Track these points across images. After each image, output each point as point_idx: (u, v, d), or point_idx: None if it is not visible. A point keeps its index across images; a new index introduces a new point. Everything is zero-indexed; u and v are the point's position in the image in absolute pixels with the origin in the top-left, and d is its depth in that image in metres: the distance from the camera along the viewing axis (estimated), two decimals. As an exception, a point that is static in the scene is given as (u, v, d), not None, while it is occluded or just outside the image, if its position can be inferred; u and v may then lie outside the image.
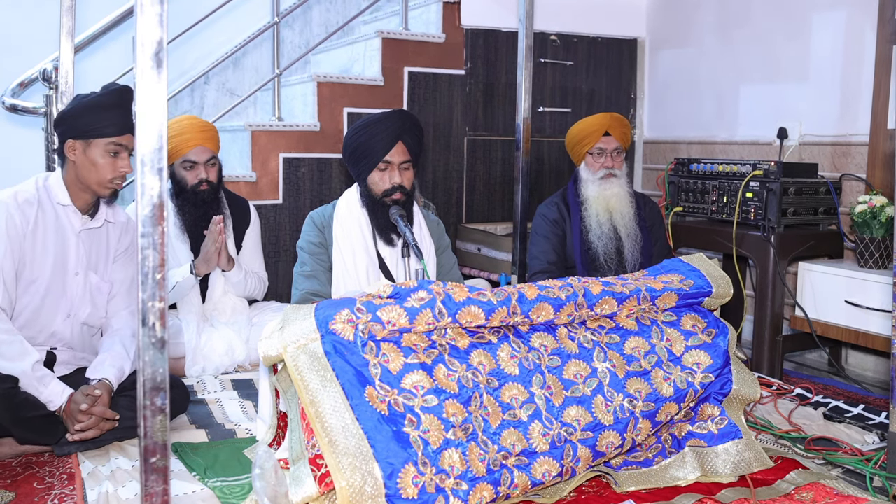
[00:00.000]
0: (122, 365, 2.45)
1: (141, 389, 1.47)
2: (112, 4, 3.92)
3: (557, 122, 4.65)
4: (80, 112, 2.40)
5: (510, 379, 2.01)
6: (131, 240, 2.63)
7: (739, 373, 2.26)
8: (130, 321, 2.59)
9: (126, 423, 2.36)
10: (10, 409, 2.19)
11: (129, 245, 2.63)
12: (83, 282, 2.50)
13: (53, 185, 2.46)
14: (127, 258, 2.62)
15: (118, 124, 2.40)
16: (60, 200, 2.45)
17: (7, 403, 2.19)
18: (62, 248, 2.46)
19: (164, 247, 1.46)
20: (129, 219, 2.65)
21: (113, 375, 2.39)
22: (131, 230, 2.63)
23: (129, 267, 2.62)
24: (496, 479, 1.86)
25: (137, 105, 1.44)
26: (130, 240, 2.63)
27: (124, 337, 2.54)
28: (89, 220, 2.51)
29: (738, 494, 2.06)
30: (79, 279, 2.50)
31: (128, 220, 2.64)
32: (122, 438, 2.39)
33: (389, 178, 2.79)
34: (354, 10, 4.96)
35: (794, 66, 3.85)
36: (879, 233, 3.11)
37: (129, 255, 2.63)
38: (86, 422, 2.26)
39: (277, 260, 4.01)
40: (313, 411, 1.81)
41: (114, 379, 2.39)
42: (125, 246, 2.62)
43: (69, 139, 2.41)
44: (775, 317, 3.35)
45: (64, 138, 2.42)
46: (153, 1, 1.43)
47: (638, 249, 3.34)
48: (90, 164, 2.40)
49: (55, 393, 2.29)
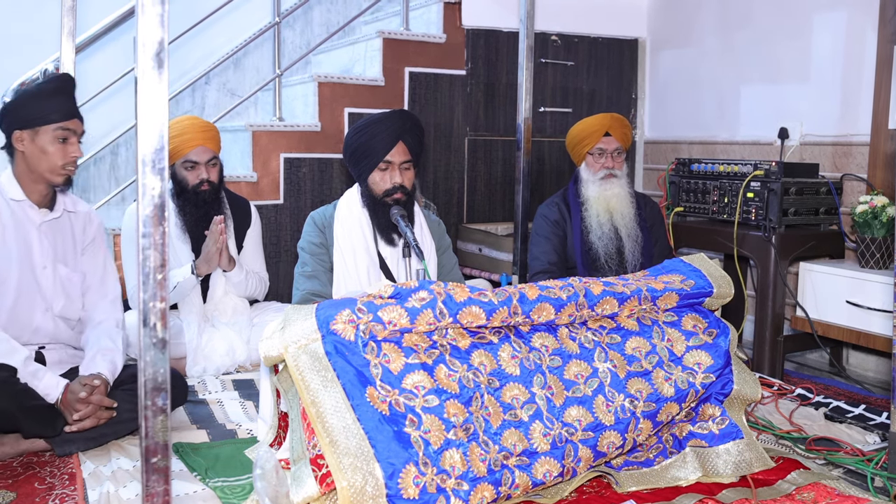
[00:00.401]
0: (113, 358, 2.44)
1: (142, 390, 1.47)
2: (113, 5, 3.92)
3: (558, 123, 4.65)
4: (24, 101, 2.38)
5: (511, 379, 2.01)
6: (96, 230, 2.62)
7: (740, 373, 2.26)
8: (112, 311, 2.59)
9: (124, 416, 2.35)
10: (14, 397, 2.19)
11: (95, 235, 2.62)
12: (52, 274, 2.48)
13: (4, 183, 2.43)
14: (95, 248, 2.61)
15: (63, 110, 2.38)
16: (14, 196, 2.42)
17: (10, 391, 2.19)
18: (24, 243, 2.44)
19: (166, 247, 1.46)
20: (91, 209, 2.64)
21: (107, 370, 2.39)
22: (95, 220, 2.62)
23: (99, 256, 2.61)
24: (497, 480, 1.86)
25: (138, 105, 1.45)
26: (95, 230, 2.62)
27: (109, 329, 2.53)
28: (48, 213, 2.49)
29: (740, 495, 2.06)
30: (48, 272, 2.48)
31: (89, 210, 2.63)
32: (120, 434, 2.39)
33: (390, 178, 2.79)
34: (355, 10, 4.96)
35: (795, 66, 3.84)
36: (880, 233, 3.11)
37: (97, 245, 2.62)
38: (83, 410, 2.26)
39: (278, 260, 4.01)
40: (314, 411, 1.81)
41: (108, 373, 2.39)
42: (91, 236, 2.61)
43: (15, 130, 2.38)
44: (776, 317, 3.35)
45: (10, 130, 2.39)
46: (154, 1, 1.43)
47: (639, 250, 3.34)
48: (40, 152, 2.37)
49: (50, 385, 2.28)
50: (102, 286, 2.60)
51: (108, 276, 2.64)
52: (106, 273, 2.63)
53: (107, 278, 2.63)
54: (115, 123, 4.30)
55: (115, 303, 2.63)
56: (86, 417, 2.27)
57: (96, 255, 2.61)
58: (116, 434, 2.39)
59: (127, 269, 3.19)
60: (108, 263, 2.65)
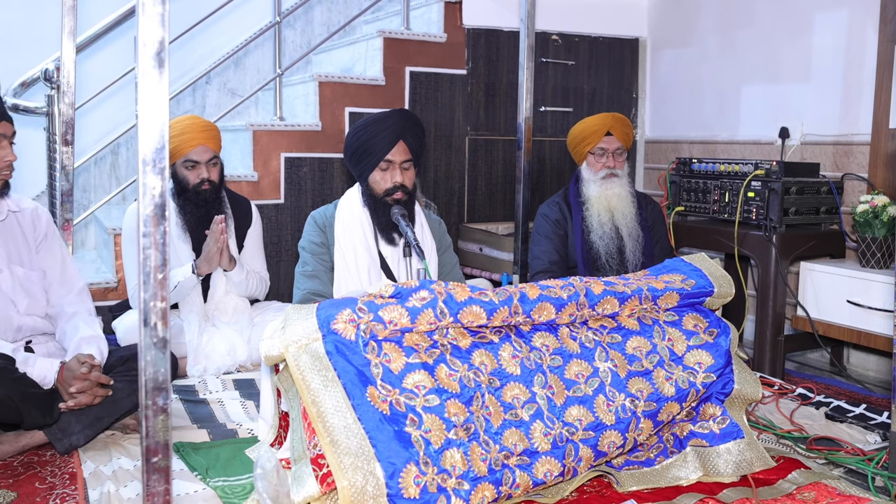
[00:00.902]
0: (98, 345, 2.42)
1: (142, 389, 1.47)
2: (113, 4, 3.93)
3: (559, 122, 4.65)
4: None
5: (512, 378, 2.01)
6: (46, 225, 2.59)
7: (741, 372, 2.26)
8: (82, 302, 2.57)
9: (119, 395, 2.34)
10: (14, 383, 2.19)
11: (46, 230, 2.59)
12: (10, 276, 2.46)
13: None
14: (49, 243, 2.58)
15: None
16: None
17: (9, 377, 2.19)
18: None
19: (167, 246, 1.46)
20: (37, 205, 2.60)
21: (96, 353, 2.38)
22: (43, 216, 2.59)
23: (55, 251, 2.59)
24: (498, 479, 1.86)
25: (139, 105, 1.45)
26: (45, 225, 2.59)
27: (85, 317, 2.52)
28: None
29: (740, 494, 2.06)
30: (5, 275, 2.46)
31: (35, 206, 2.59)
32: (118, 414, 2.38)
33: (391, 178, 2.79)
34: (356, 9, 4.97)
35: (796, 65, 3.84)
36: (881, 232, 3.11)
37: (51, 240, 2.59)
38: (81, 384, 2.24)
39: (279, 260, 4.01)
40: (315, 411, 1.81)
41: (98, 356, 2.38)
42: (43, 232, 2.58)
43: None
44: (777, 316, 3.35)
45: None
46: (155, 1, 1.43)
47: (639, 249, 3.34)
48: None
49: (45, 368, 2.27)
50: (65, 279, 2.58)
51: (69, 269, 2.61)
52: (65, 266, 2.60)
53: (67, 271, 2.60)
54: (116, 123, 4.31)
55: (83, 294, 2.61)
56: (83, 392, 2.25)
57: (52, 249, 2.58)
58: (113, 415, 2.37)
59: (128, 268, 3.19)
60: (65, 256, 2.62)
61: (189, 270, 3.07)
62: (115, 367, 2.43)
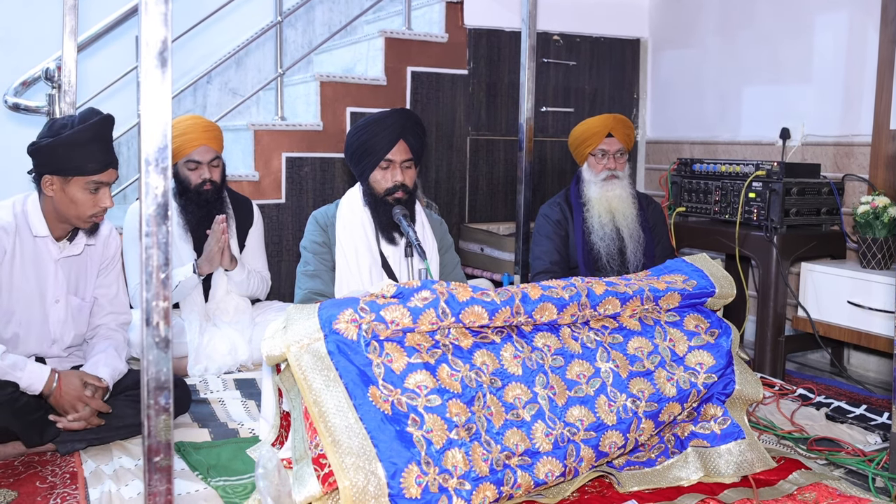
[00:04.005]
0: (116, 365, 2.42)
1: (144, 389, 1.47)
2: (115, 3, 3.92)
3: (560, 122, 4.65)
4: (59, 148, 2.23)
5: (513, 379, 2.01)
6: (114, 251, 2.57)
7: (742, 373, 2.26)
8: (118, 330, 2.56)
9: (129, 421, 2.36)
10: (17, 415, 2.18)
11: (114, 254, 2.56)
12: (64, 307, 2.44)
13: (31, 214, 2.34)
14: (109, 268, 2.57)
15: (99, 161, 2.26)
16: (38, 232, 2.34)
17: (11, 408, 2.18)
18: (41, 277, 2.38)
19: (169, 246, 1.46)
20: (111, 228, 2.56)
21: (108, 375, 2.38)
22: (113, 243, 2.56)
23: (112, 278, 2.57)
24: (499, 479, 1.86)
25: (142, 104, 1.44)
26: (114, 251, 2.56)
27: (118, 343, 2.53)
28: (68, 245, 2.42)
29: (741, 495, 2.06)
30: (59, 306, 2.43)
31: (110, 230, 2.55)
32: (124, 437, 2.40)
33: (391, 177, 2.78)
34: (357, 9, 4.96)
35: (797, 66, 3.84)
36: (882, 233, 3.11)
37: (113, 265, 2.57)
38: (81, 412, 2.25)
39: (280, 259, 4.01)
40: (316, 411, 1.81)
41: (109, 379, 2.38)
42: (110, 257, 2.56)
43: (46, 174, 2.27)
44: (778, 317, 3.35)
45: (40, 172, 2.28)
46: (157, 0, 1.43)
47: (640, 250, 3.34)
48: (69, 200, 2.28)
49: (34, 373, 2.23)
50: (114, 306, 2.58)
51: (120, 298, 2.60)
52: (118, 295, 2.59)
53: (118, 298, 2.59)
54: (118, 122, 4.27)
55: (124, 326, 2.60)
56: (80, 420, 2.25)
57: (110, 275, 2.57)
58: (119, 437, 2.39)
59: (129, 268, 3.19)
60: (120, 286, 2.61)
61: (190, 270, 3.07)
62: (129, 389, 2.43)
